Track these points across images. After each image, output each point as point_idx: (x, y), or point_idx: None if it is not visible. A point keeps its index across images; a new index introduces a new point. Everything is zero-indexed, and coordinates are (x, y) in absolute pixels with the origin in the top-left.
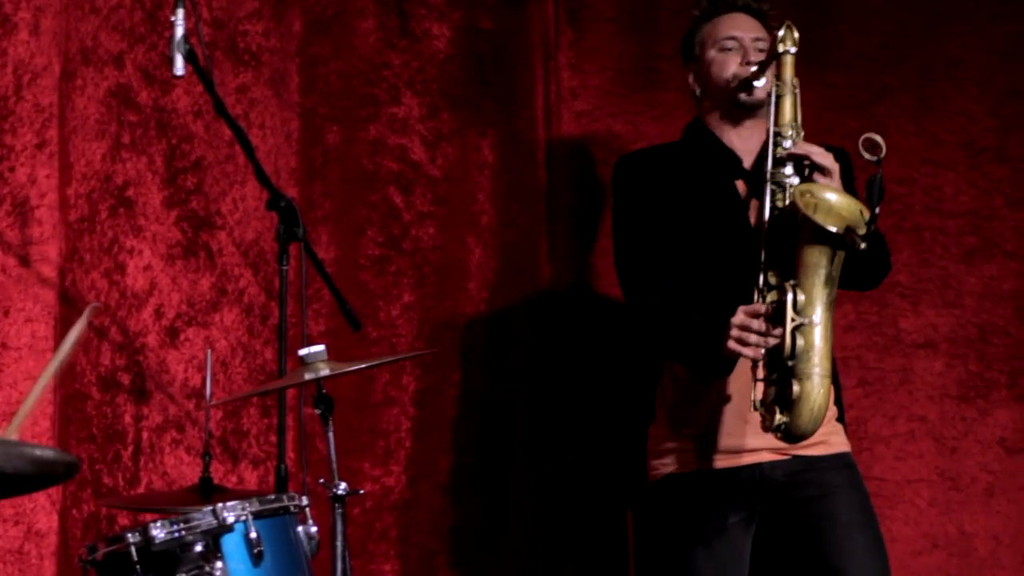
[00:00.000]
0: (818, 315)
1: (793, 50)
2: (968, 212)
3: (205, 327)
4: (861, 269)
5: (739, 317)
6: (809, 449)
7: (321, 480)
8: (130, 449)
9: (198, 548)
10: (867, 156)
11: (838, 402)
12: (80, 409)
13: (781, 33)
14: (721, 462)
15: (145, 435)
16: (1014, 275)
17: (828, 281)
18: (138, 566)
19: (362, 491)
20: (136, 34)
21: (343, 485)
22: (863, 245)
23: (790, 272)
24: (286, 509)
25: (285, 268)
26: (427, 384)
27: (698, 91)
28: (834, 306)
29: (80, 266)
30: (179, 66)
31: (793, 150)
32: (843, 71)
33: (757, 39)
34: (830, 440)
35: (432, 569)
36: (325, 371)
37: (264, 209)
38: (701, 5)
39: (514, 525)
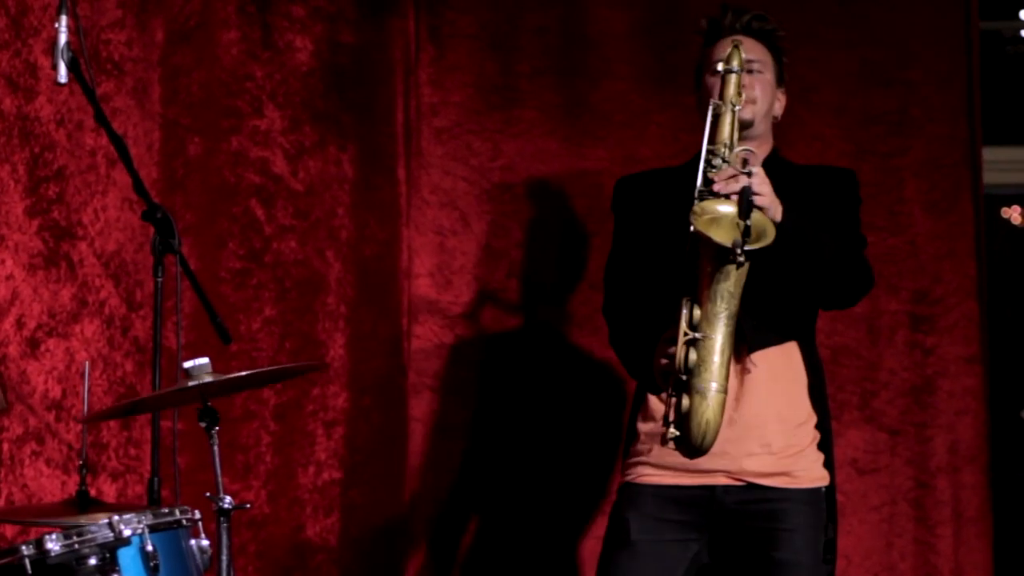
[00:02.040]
0: (714, 329)
1: (737, 69)
2: None
3: (66, 338)
4: (828, 285)
5: (660, 346)
6: (768, 479)
7: (207, 494)
8: None
9: (93, 561)
10: (738, 169)
11: (820, 425)
12: None
13: (728, 50)
14: (672, 479)
15: (5, 447)
16: (867, 298)
17: (725, 296)
18: None
19: (249, 505)
20: (0, 40)
21: (228, 499)
22: (741, 258)
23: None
24: (179, 523)
25: (160, 280)
26: (287, 399)
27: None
28: (733, 321)
29: None
30: (62, 74)
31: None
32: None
33: (750, 61)
34: (795, 472)
35: None
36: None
37: (125, 220)
38: (702, 33)
39: (371, 542)
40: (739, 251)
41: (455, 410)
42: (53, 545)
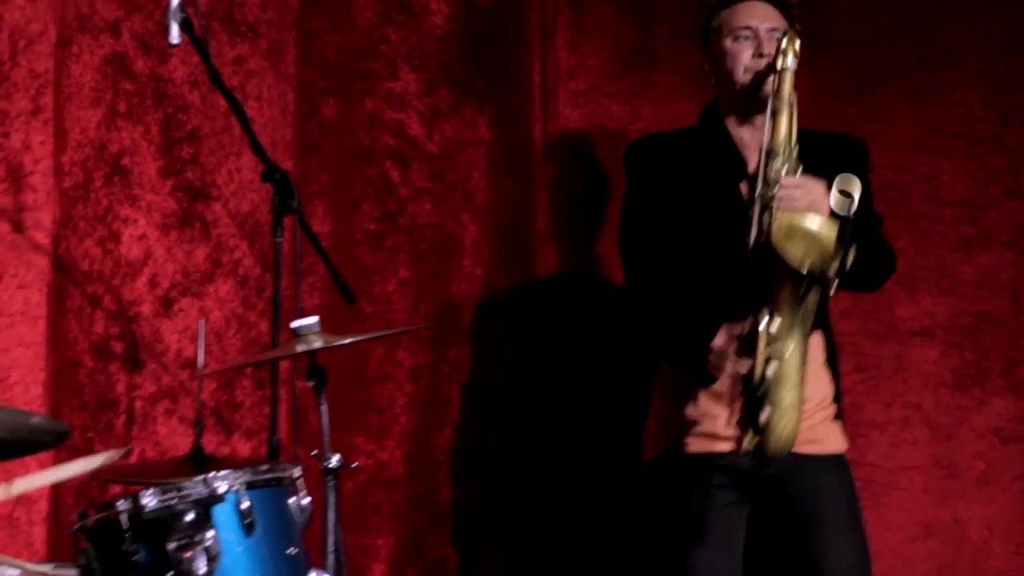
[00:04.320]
0: (792, 344)
1: (793, 64)
2: (965, 201)
3: (199, 298)
4: (857, 273)
5: (718, 340)
6: (801, 447)
7: (314, 452)
8: (122, 418)
9: (189, 517)
10: (840, 198)
11: (837, 399)
12: (72, 377)
13: (783, 44)
14: (718, 446)
15: (138, 404)
16: (1010, 264)
17: (804, 311)
18: (128, 534)
19: (355, 464)
20: (132, 2)
21: (336, 457)
22: (833, 290)
23: (770, 292)
24: (278, 480)
25: (279, 240)
26: (422, 360)
27: (712, 78)
28: (809, 334)
29: (74, 234)
30: (175, 35)
31: (779, 194)
32: (839, 56)
33: (772, 29)
34: (824, 439)
35: (424, 545)
36: (318, 343)
37: (260, 181)
38: None
39: (506, 502)
40: (834, 279)
41: (591, 372)
42: (148, 500)
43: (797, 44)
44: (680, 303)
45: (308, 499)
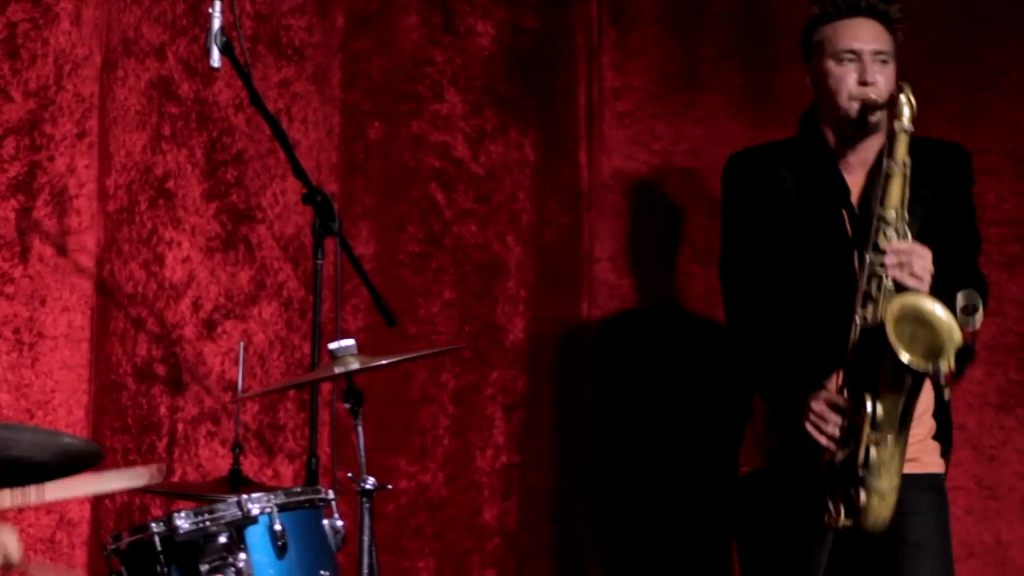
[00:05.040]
0: (894, 430)
1: (910, 127)
2: (1011, 220)
3: (243, 320)
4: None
5: (819, 404)
6: None
7: (349, 474)
8: (164, 440)
9: (222, 539)
10: (963, 317)
11: (939, 415)
12: (115, 399)
13: (900, 103)
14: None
15: (180, 427)
16: None
17: (909, 397)
18: (162, 556)
19: (390, 486)
20: (178, 26)
21: (371, 480)
22: (947, 394)
23: (875, 374)
24: (312, 502)
25: (320, 262)
26: (466, 382)
27: (813, 91)
28: (911, 422)
29: (118, 256)
30: (215, 58)
31: (888, 261)
32: None
33: (877, 52)
34: (921, 459)
35: (466, 568)
36: (355, 365)
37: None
38: (821, 4)
39: (549, 527)
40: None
41: (635, 395)
42: (182, 522)
43: (914, 101)
44: (780, 354)
45: (341, 522)
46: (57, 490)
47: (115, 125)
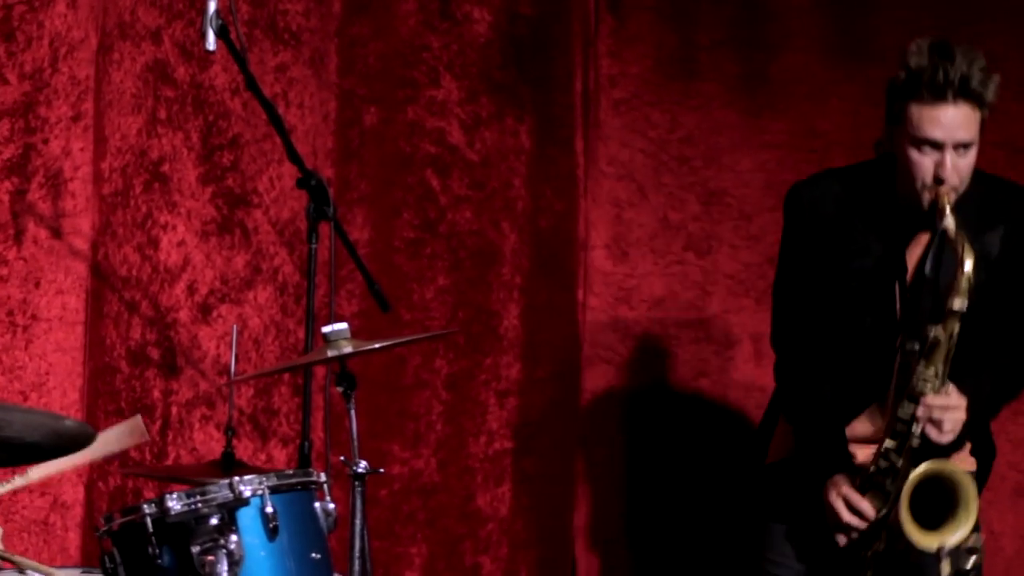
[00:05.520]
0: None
1: (963, 308)
2: None
3: (238, 304)
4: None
5: (844, 490)
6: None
7: (342, 458)
8: (158, 423)
9: (213, 521)
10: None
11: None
12: (109, 382)
13: (960, 283)
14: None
15: (174, 410)
16: None
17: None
18: (153, 537)
19: (382, 470)
20: (174, 10)
21: (363, 463)
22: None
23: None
24: (304, 485)
25: (314, 247)
26: (459, 368)
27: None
28: None
29: (113, 240)
30: (211, 41)
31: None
32: (882, 65)
33: (960, 145)
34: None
35: (458, 554)
36: (348, 348)
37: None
38: (909, 77)
39: (543, 513)
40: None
41: (630, 382)
42: (174, 504)
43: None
44: (819, 390)
45: (333, 504)
46: (40, 471)
47: (110, 108)
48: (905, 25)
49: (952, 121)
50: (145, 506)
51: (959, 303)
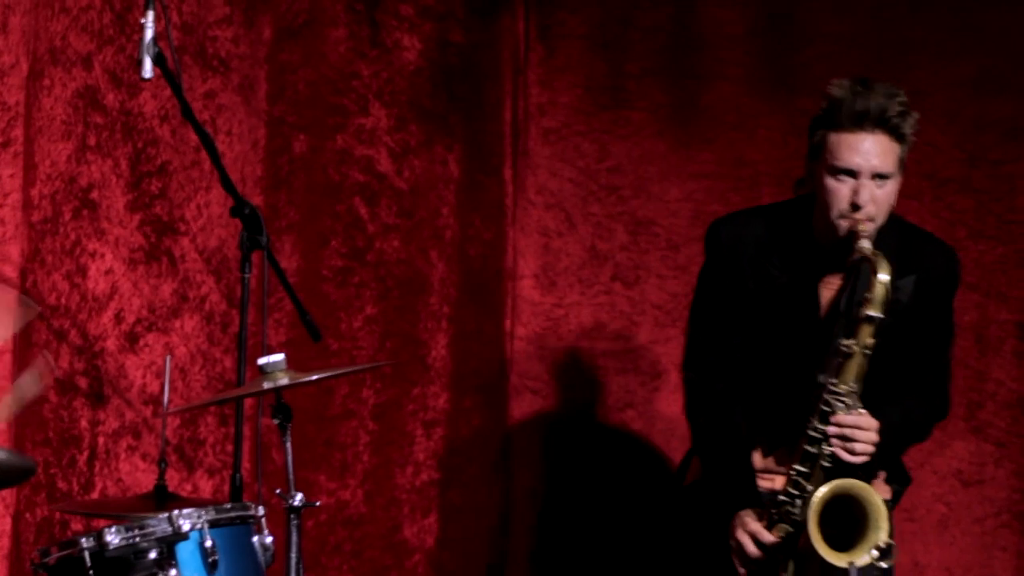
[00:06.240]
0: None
1: (879, 317)
2: None
3: (165, 333)
4: None
5: (749, 525)
6: None
7: (277, 491)
8: (85, 454)
9: (152, 555)
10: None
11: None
12: (37, 412)
13: (874, 288)
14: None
15: (101, 440)
16: (975, 307)
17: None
18: (91, 571)
19: (318, 503)
20: (105, 36)
21: (299, 496)
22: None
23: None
24: (242, 519)
25: (247, 276)
26: (387, 398)
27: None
28: None
29: (42, 267)
30: (147, 69)
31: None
32: (811, 96)
33: (877, 175)
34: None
35: None
36: (284, 380)
37: (228, 216)
38: (829, 108)
39: (470, 544)
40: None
41: (556, 412)
42: (112, 538)
43: (890, 293)
44: (729, 420)
45: (271, 538)
46: None
47: (40, 135)
48: (833, 58)
49: (870, 149)
50: (83, 540)
51: (873, 310)
